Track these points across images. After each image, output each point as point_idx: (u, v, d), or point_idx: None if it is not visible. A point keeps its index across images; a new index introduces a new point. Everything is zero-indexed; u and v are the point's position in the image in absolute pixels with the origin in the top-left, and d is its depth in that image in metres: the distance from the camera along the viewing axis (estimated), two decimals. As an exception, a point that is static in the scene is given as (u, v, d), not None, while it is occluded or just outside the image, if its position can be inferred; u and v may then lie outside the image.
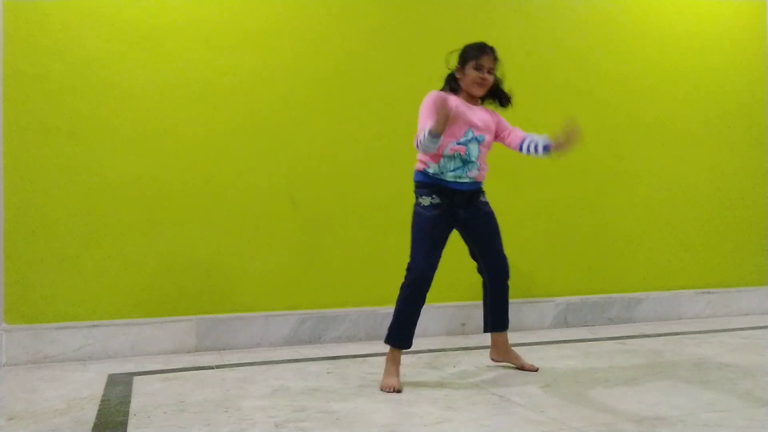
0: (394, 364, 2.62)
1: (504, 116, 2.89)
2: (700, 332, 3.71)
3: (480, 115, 2.72)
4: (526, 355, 3.12)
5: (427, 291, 2.63)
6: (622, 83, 4.11)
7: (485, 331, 2.90)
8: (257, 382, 2.67)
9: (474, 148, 2.68)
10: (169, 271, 3.27)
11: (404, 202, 3.63)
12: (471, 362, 3.00)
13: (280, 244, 3.44)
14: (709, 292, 4.28)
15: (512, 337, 3.59)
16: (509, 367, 2.88)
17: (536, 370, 2.81)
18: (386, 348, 3.34)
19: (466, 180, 2.68)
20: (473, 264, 3.73)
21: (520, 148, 2.75)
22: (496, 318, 2.85)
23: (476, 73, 2.67)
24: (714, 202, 4.32)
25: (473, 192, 2.73)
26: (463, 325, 3.72)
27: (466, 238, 2.82)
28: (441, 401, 2.36)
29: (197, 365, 2.99)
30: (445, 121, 2.42)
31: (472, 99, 2.74)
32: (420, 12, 3.71)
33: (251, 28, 3.41)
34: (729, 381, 2.61)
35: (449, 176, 2.66)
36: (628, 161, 4.12)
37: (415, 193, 2.72)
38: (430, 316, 3.65)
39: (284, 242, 3.44)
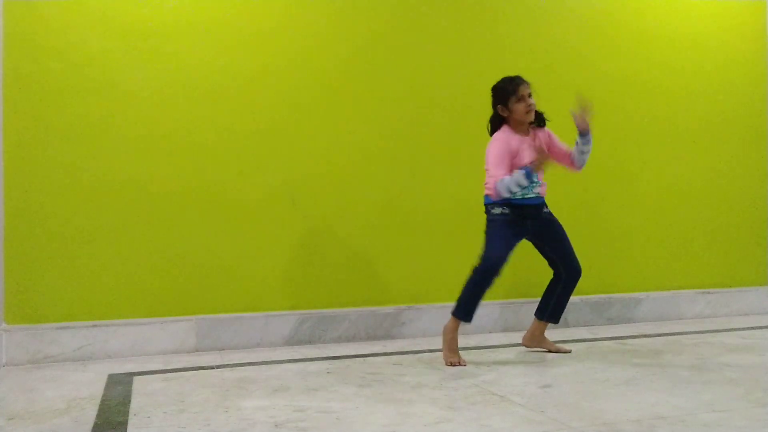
0: (452, 332, 2.97)
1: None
2: (700, 332, 3.71)
3: (536, 145, 2.99)
4: (527, 355, 3.14)
5: (495, 278, 2.94)
6: (622, 83, 4.11)
7: (540, 318, 3.17)
8: (257, 382, 2.67)
9: (536, 176, 2.92)
10: (169, 271, 3.27)
11: (404, 201, 3.64)
12: (471, 362, 2.99)
13: (280, 244, 3.44)
14: (709, 292, 4.28)
15: (513, 336, 3.61)
16: (509, 367, 2.87)
17: (569, 352, 3.15)
18: (386, 348, 3.36)
19: (532, 196, 2.98)
20: (472, 264, 3.73)
21: (572, 163, 3.08)
22: (555, 312, 3.15)
23: (522, 104, 2.95)
24: (714, 202, 4.32)
25: (539, 205, 3.03)
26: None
27: (541, 246, 3.12)
28: (441, 401, 2.36)
29: (197, 365, 2.99)
30: (542, 163, 2.85)
31: (520, 128, 3.00)
32: (421, 12, 3.71)
33: (251, 28, 3.41)
34: (729, 381, 2.61)
35: (517, 196, 2.94)
36: (628, 161, 4.12)
37: (488, 209, 3.02)
38: (430, 316, 3.65)
39: (284, 242, 3.44)
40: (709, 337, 3.55)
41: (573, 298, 3.92)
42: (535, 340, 3.19)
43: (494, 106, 3.02)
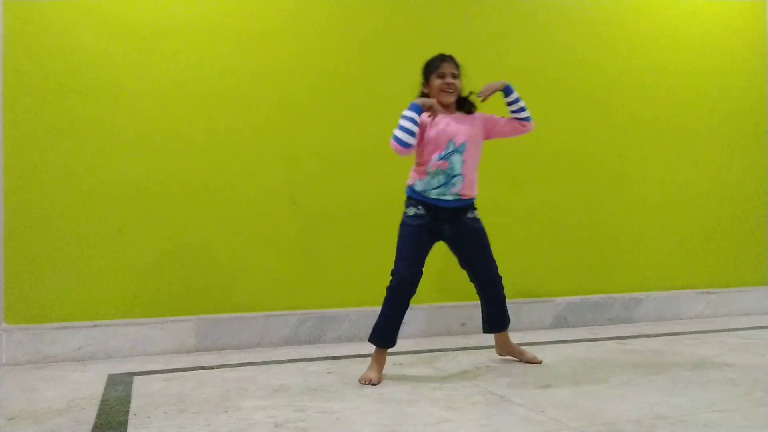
0: (377, 362, 2.71)
1: (504, 115, 2.90)
2: (700, 332, 3.71)
3: (460, 124, 2.78)
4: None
5: (409, 296, 2.72)
6: (622, 83, 4.11)
7: (485, 332, 3.01)
8: (257, 382, 2.67)
9: (457, 160, 2.73)
10: (169, 271, 3.27)
11: (404, 202, 3.63)
12: (471, 362, 3.00)
13: (280, 244, 3.44)
14: (709, 292, 4.28)
15: (512, 337, 3.59)
16: (509, 367, 2.88)
17: (540, 362, 2.92)
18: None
19: (450, 198, 2.74)
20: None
21: (521, 125, 2.88)
22: (493, 322, 2.96)
23: (440, 81, 2.77)
24: (714, 202, 4.32)
25: (459, 209, 2.78)
26: (463, 325, 3.72)
27: (454, 252, 2.89)
28: (441, 401, 2.36)
29: (197, 365, 2.99)
30: (430, 106, 2.63)
31: (445, 110, 2.80)
32: (420, 12, 3.71)
33: (251, 28, 3.41)
34: (729, 381, 2.61)
35: (433, 194, 2.74)
36: (628, 161, 4.12)
37: (405, 203, 2.82)
38: (430, 316, 3.65)
39: (284, 242, 3.44)
40: (709, 337, 3.55)
41: (573, 298, 3.95)
42: (503, 349, 3.01)
43: (422, 83, 2.85)
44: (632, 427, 2.05)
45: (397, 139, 2.69)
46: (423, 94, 2.84)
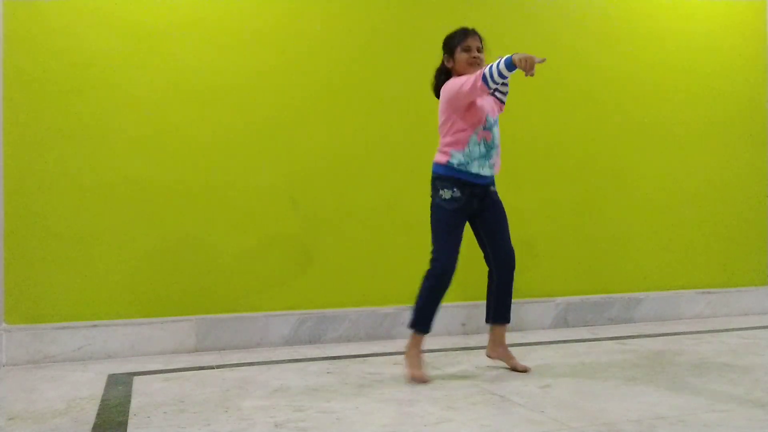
0: (416, 347, 2.71)
1: (504, 116, 2.91)
2: (700, 332, 3.71)
3: (490, 99, 2.80)
4: (527, 356, 3.12)
5: (449, 282, 2.71)
6: (621, 83, 4.11)
7: (487, 321, 2.90)
8: (257, 382, 2.67)
9: (496, 132, 2.76)
10: (169, 271, 3.27)
11: (404, 201, 3.64)
12: (471, 362, 2.99)
13: (280, 244, 3.44)
14: (709, 292, 4.28)
15: (512, 337, 3.59)
16: (508, 367, 2.88)
17: (527, 371, 2.79)
18: (386, 348, 3.35)
19: (487, 173, 2.74)
20: (474, 263, 3.72)
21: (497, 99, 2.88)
22: (499, 310, 2.85)
23: (467, 55, 2.72)
24: (714, 202, 4.32)
25: (489, 184, 2.79)
26: (463, 325, 3.72)
27: (477, 228, 2.83)
28: (441, 401, 2.36)
29: (197, 365, 2.99)
30: (530, 65, 2.44)
31: None
32: (419, 12, 3.71)
33: (251, 28, 3.41)
34: (729, 381, 2.61)
35: (474, 167, 2.69)
36: (628, 161, 4.12)
37: (435, 185, 2.75)
38: (430, 316, 3.64)
39: (284, 242, 3.44)
40: (709, 337, 3.55)
41: (573, 298, 3.95)
42: (496, 350, 2.86)
43: (443, 58, 2.79)
44: (632, 427, 2.05)
45: (485, 80, 2.51)
46: (444, 69, 2.78)
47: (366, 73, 3.61)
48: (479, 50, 2.75)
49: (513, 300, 2.88)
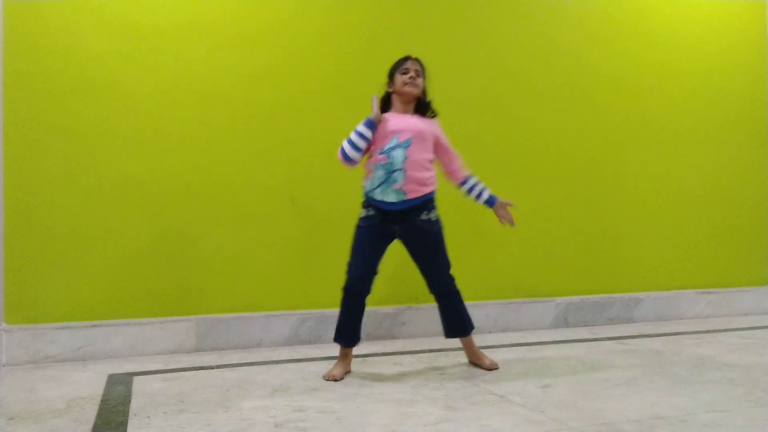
0: (344, 358, 2.79)
1: (504, 116, 2.90)
2: (700, 332, 3.71)
3: (410, 121, 2.77)
4: (527, 356, 3.13)
5: (362, 297, 2.76)
6: (621, 83, 4.11)
7: (446, 337, 2.94)
8: (257, 382, 2.67)
9: (398, 154, 2.69)
10: (169, 271, 3.27)
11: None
12: (470, 362, 2.99)
13: (280, 244, 3.44)
14: (709, 292, 4.28)
15: (512, 337, 3.61)
16: (509, 367, 2.88)
17: (497, 368, 2.84)
18: (386, 348, 3.36)
19: (393, 199, 2.70)
20: (472, 263, 3.74)
21: (463, 188, 2.93)
22: (451, 326, 2.90)
23: (403, 77, 2.79)
24: (714, 202, 4.32)
25: (407, 210, 2.73)
26: (463, 325, 3.72)
27: (408, 251, 2.87)
28: (441, 401, 2.36)
29: (197, 365, 2.99)
30: (377, 113, 2.67)
31: (405, 109, 2.82)
32: (419, 12, 3.71)
33: (251, 28, 3.41)
34: (729, 381, 2.61)
35: (377, 194, 2.73)
36: (628, 161, 4.12)
37: (362, 205, 2.84)
38: (429, 316, 3.64)
39: (284, 242, 3.45)
40: (709, 337, 3.55)
41: (573, 298, 3.95)
42: (470, 356, 2.94)
43: (387, 85, 2.88)
44: (632, 427, 2.05)
45: (342, 151, 2.75)
46: (387, 94, 2.86)
47: (366, 72, 3.61)
48: (417, 73, 2.79)
49: (512, 300, 2.89)
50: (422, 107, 2.85)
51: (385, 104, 2.86)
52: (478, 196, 2.92)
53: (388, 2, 3.66)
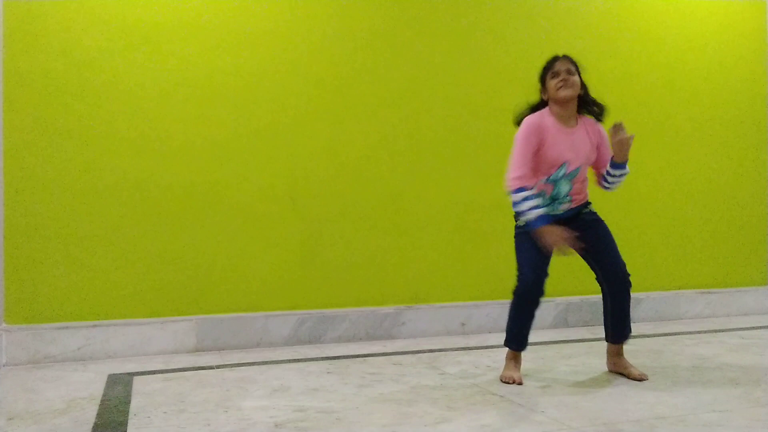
0: (514, 361, 2.71)
1: (504, 116, 2.88)
2: (700, 332, 3.71)
3: (577, 143, 2.60)
4: (527, 356, 3.12)
5: (537, 298, 2.61)
6: (621, 83, 4.11)
7: (606, 340, 2.80)
8: (257, 382, 2.67)
9: (564, 186, 2.62)
10: (169, 271, 3.27)
11: (404, 201, 3.64)
12: (471, 362, 2.99)
13: (280, 244, 3.44)
14: (709, 292, 4.28)
15: (512, 337, 3.59)
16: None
17: (646, 379, 2.66)
18: (386, 348, 3.35)
19: (558, 212, 2.64)
20: (472, 263, 3.73)
21: (601, 181, 2.75)
22: (615, 330, 2.74)
23: (554, 80, 2.61)
24: (714, 202, 4.32)
25: (572, 215, 2.67)
26: (463, 325, 3.72)
27: (579, 250, 2.69)
28: (441, 401, 2.36)
29: (197, 365, 2.99)
30: (551, 249, 2.51)
31: (566, 114, 2.62)
32: (420, 12, 3.71)
33: (251, 28, 3.41)
34: (729, 381, 2.61)
35: (546, 209, 2.59)
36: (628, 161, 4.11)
37: (514, 216, 2.68)
38: (430, 316, 3.65)
39: (284, 242, 3.44)
40: (709, 337, 3.55)
41: (573, 298, 3.95)
42: (613, 364, 2.79)
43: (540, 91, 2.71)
44: (632, 427, 2.05)
45: (515, 201, 2.55)
46: (541, 101, 2.70)
47: (366, 72, 3.61)
48: (570, 72, 2.61)
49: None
50: (585, 104, 2.68)
51: (529, 110, 2.70)
52: (608, 173, 2.69)
53: (388, 3, 3.65)
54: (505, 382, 2.61)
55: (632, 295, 2.67)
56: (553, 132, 2.58)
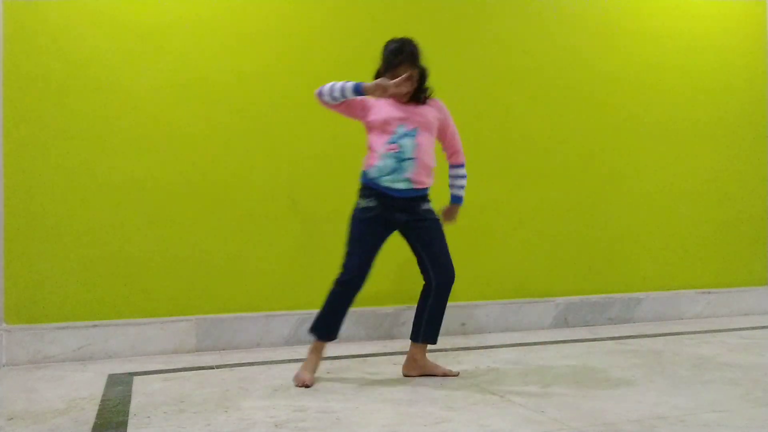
0: (314, 353, 2.69)
1: (504, 116, 2.89)
2: (700, 332, 3.71)
3: (414, 109, 2.68)
4: (527, 356, 3.13)
5: (356, 291, 2.68)
6: (621, 83, 4.11)
7: (412, 338, 2.76)
8: (257, 382, 2.67)
9: (408, 143, 2.63)
10: (169, 271, 3.27)
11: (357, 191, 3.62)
12: (471, 362, 2.99)
13: (280, 244, 3.44)
14: (709, 292, 4.28)
15: (513, 337, 3.61)
16: (509, 367, 2.88)
17: (457, 374, 2.73)
18: (386, 348, 3.35)
19: (402, 186, 2.64)
20: (472, 263, 3.74)
21: (452, 171, 2.86)
22: (430, 328, 2.74)
23: (395, 81, 2.62)
24: (714, 202, 4.32)
25: (412, 199, 2.67)
26: (463, 325, 3.72)
27: (409, 244, 2.77)
28: (441, 401, 2.36)
29: (197, 365, 2.99)
30: (379, 91, 2.56)
31: (399, 97, 2.69)
32: (419, 11, 3.70)
33: (251, 28, 3.41)
34: (729, 381, 2.61)
35: (385, 181, 2.64)
36: (628, 161, 4.12)
37: (358, 193, 2.76)
38: (430, 316, 3.65)
39: (284, 242, 3.44)
40: (709, 337, 3.55)
41: (573, 298, 3.95)
42: (416, 367, 2.73)
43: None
44: (632, 427, 2.05)
45: (320, 93, 2.69)
46: (379, 72, 2.72)
47: (366, 72, 3.60)
48: (410, 77, 2.65)
49: (512, 300, 2.86)
50: (416, 95, 2.70)
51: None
52: (451, 186, 2.85)
53: (388, 3, 3.65)
54: (297, 385, 2.57)
55: (632, 294, 2.67)
56: (383, 101, 2.70)
